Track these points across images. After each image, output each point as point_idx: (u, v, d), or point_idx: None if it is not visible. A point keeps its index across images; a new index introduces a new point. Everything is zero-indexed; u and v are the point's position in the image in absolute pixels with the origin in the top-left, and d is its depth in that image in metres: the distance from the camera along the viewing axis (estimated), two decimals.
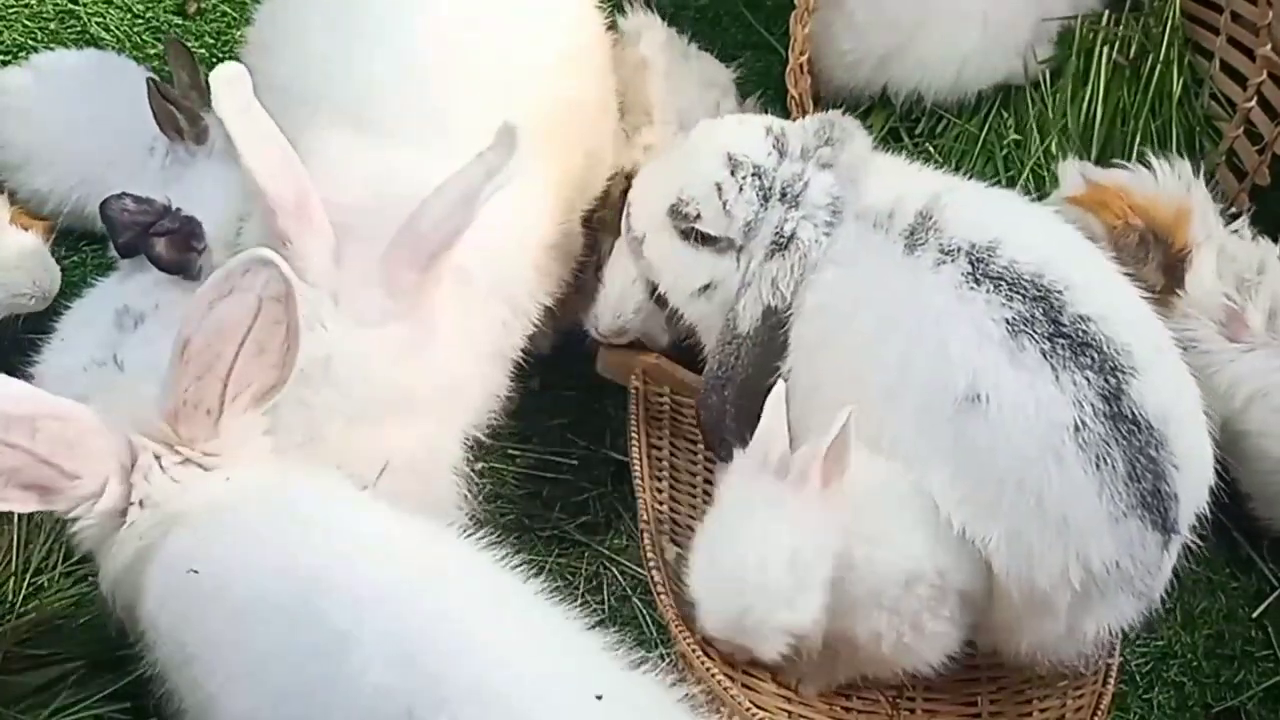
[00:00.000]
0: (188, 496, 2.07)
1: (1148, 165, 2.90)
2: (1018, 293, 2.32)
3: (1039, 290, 2.32)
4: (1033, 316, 2.30)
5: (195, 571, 1.97)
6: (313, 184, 2.31)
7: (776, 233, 2.49)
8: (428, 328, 2.35)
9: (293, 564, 1.93)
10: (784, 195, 2.51)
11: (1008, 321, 2.30)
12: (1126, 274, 2.48)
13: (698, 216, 2.55)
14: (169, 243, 2.80)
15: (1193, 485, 2.34)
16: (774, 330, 2.52)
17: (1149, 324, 2.42)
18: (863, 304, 2.43)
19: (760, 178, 2.54)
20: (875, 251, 2.44)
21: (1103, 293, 2.38)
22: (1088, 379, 2.27)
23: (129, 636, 2.20)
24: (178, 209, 2.83)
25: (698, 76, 3.16)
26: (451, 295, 2.39)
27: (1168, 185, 2.88)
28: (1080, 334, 2.30)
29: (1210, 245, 2.83)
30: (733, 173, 2.54)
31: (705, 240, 2.56)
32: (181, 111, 2.97)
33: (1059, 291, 2.32)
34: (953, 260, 2.37)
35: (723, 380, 2.56)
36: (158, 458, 2.08)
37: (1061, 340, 2.29)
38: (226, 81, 2.27)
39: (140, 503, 2.08)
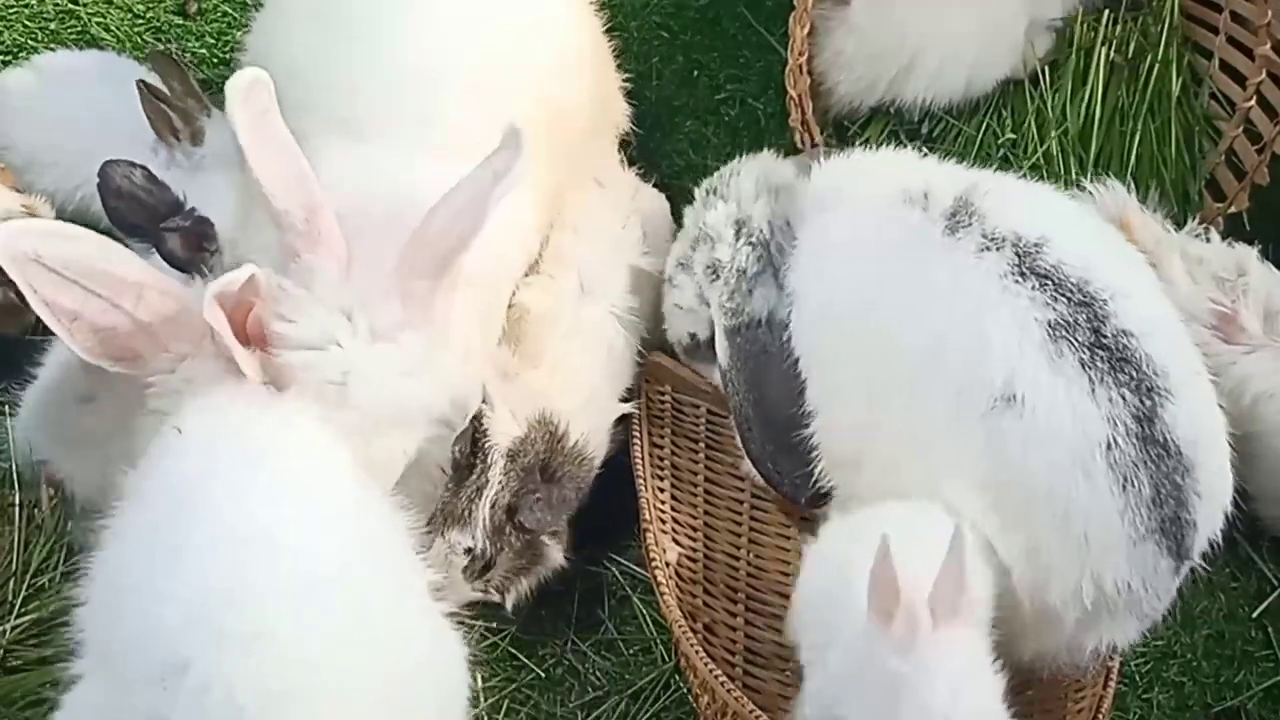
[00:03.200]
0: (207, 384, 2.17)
1: (1082, 189, 2.95)
2: (1062, 295, 2.26)
3: (1084, 296, 2.26)
4: (1075, 322, 2.25)
5: (179, 430, 2.09)
6: (324, 196, 2.28)
7: (706, 268, 2.66)
8: (440, 334, 2.34)
9: (194, 475, 2.01)
10: (694, 245, 2.70)
11: (1049, 324, 2.25)
12: None
13: (692, 338, 2.75)
14: (182, 240, 2.79)
15: (1211, 513, 2.30)
16: (750, 346, 2.58)
17: (1186, 346, 2.37)
18: (892, 279, 2.40)
19: (681, 264, 2.73)
20: (911, 229, 2.41)
21: (1146, 308, 2.32)
22: (1123, 396, 2.22)
23: None
24: (191, 208, 2.82)
25: (623, 246, 2.89)
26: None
27: (1103, 205, 2.91)
28: (1121, 348, 2.24)
29: (1167, 250, 2.83)
30: (673, 285, 2.75)
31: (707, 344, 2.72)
32: (174, 112, 2.97)
33: (1103, 300, 2.26)
34: (997, 249, 2.31)
35: (744, 422, 2.61)
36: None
37: (1101, 352, 2.23)
38: (241, 89, 2.24)
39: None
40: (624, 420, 2.77)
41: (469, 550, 2.53)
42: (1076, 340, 2.24)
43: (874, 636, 2.04)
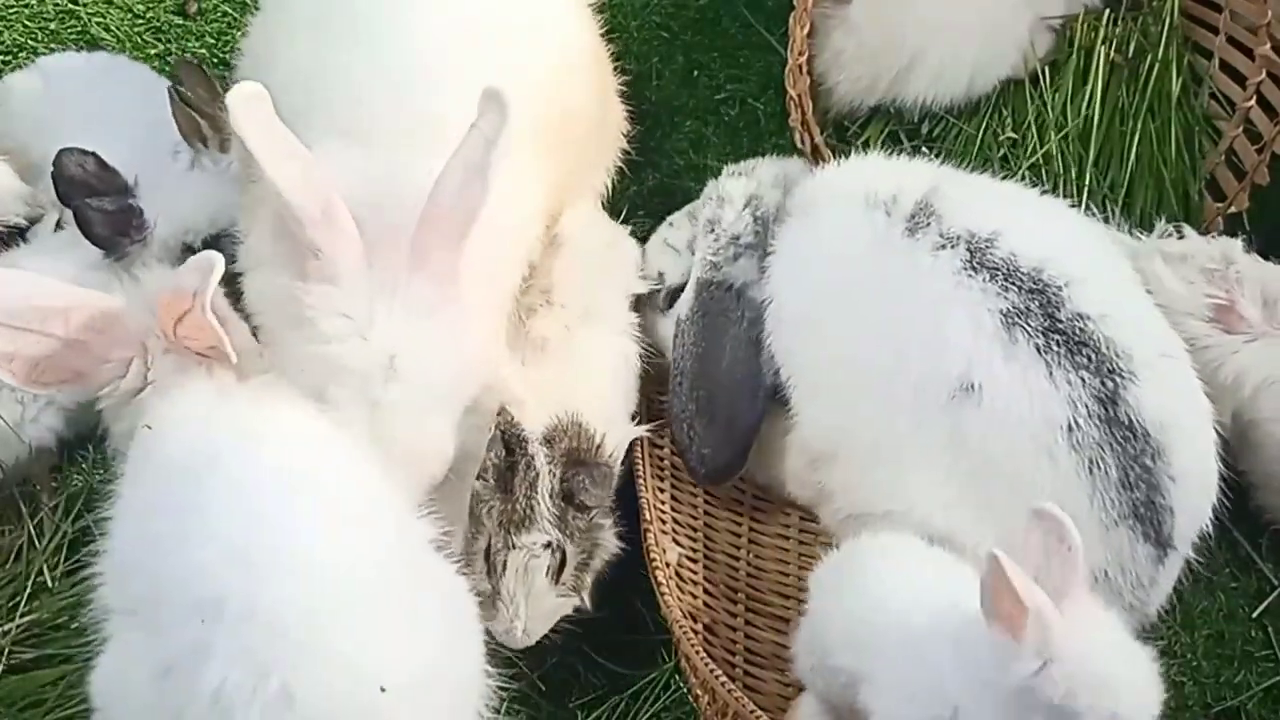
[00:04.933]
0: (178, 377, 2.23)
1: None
2: (1014, 284, 2.33)
3: (1036, 283, 2.33)
4: (1027, 309, 2.31)
5: (149, 427, 2.16)
6: (334, 190, 2.30)
7: (706, 221, 2.75)
8: (464, 307, 2.35)
9: (192, 432, 2.11)
10: (706, 202, 2.80)
11: (1002, 313, 2.31)
12: None
13: (660, 277, 2.81)
14: (106, 220, 2.79)
15: (1192, 500, 2.32)
16: (714, 304, 2.64)
17: (1155, 329, 2.42)
18: (859, 283, 2.47)
19: (689, 214, 2.85)
20: (876, 234, 2.48)
21: (1107, 293, 2.37)
22: (1082, 379, 2.27)
23: None
24: (135, 197, 2.84)
25: (616, 268, 2.87)
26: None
27: None
28: (1077, 332, 2.29)
29: (1146, 259, 2.78)
30: (670, 225, 2.87)
31: (673, 298, 2.77)
32: (204, 119, 2.96)
33: (1058, 287, 2.32)
34: (951, 247, 2.39)
35: (678, 375, 2.67)
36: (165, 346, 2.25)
37: (1057, 336, 2.29)
38: (244, 99, 2.26)
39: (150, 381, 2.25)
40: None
41: (548, 545, 2.48)
42: (1030, 326, 2.29)
43: (1003, 651, 1.93)
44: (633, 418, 2.74)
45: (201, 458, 2.05)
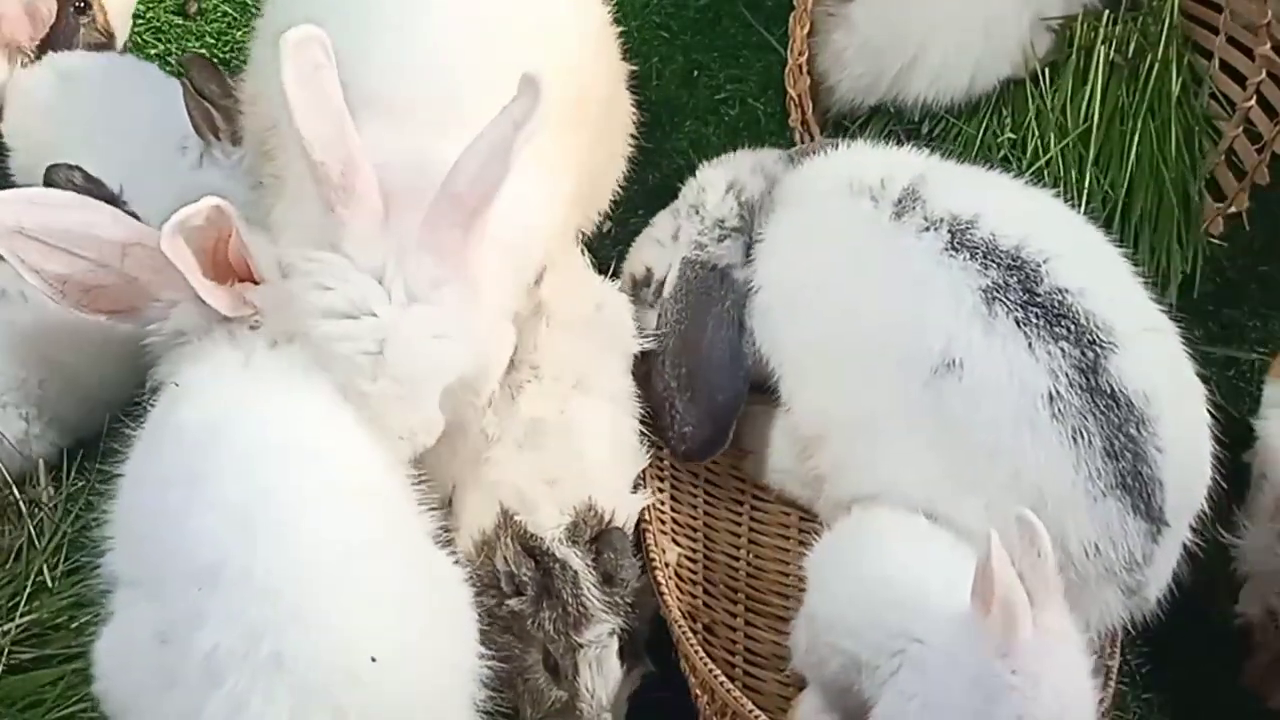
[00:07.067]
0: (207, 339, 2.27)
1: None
2: (994, 262, 2.36)
3: (1015, 260, 2.35)
4: (1006, 284, 2.33)
5: (176, 384, 2.23)
6: (365, 159, 2.24)
7: (690, 207, 2.78)
8: (475, 290, 2.31)
9: (209, 405, 2.15)
10: (687, 193, 2.83)
11: (983, 290, 2.34)
12: None
13: (648, 272, 2.80)
14: None
15: (1182, 474, 2.31)
16: (698, 283, 2.67)
17: (1137, 303, 2.43)
18: (845, 267, 2.51)
19: (672, 211, 2.86)
20: (865, 220, 2.52)
21: (1087, 269, 2.39)
22: (1062, 349, 2.28)
23: None
24: (124, 201, 2.83)
25: (607, 329, 2.75)
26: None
27: None
28: (1056, 305, 2.31)
29: None
30: (654, 225, 2.88)
31: (662, 290, 2.77)
32: (218, 110, 2.95)
33: (1037, 263, 2.35)
34: (934, 229, 2.43)
35: (661, 353, 2.69)
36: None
37: (1035, 309, 2.31)
38: (295, 44, 2.20)
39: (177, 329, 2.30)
40: None
41: (611, 632, 2.45)
42: (1009, 300, 2.32)
43: (976, 630, 2.00)
44: (635, 487, 2.68)
45: (213, 429, 2.09)
